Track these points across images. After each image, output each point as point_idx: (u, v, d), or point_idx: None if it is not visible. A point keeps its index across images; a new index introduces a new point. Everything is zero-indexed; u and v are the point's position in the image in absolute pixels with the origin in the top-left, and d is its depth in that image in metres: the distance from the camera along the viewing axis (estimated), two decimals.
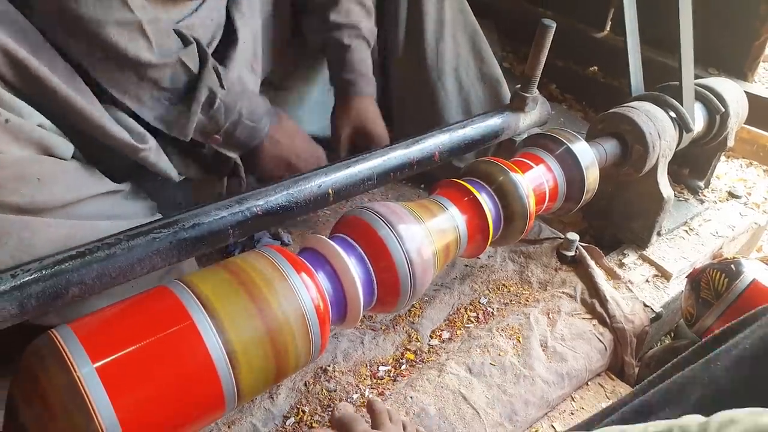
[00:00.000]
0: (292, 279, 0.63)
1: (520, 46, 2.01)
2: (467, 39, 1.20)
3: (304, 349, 0.63)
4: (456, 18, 1.18)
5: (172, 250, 0.72)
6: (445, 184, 0.86)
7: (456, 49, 1.19)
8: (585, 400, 0.93)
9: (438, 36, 1.17)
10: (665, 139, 1.09)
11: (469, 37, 1.21)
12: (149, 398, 0.53)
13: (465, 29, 1.20)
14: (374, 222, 0.73)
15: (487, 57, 1.22)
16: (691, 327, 1.01)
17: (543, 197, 0.92)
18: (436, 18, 1.16)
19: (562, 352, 0.93)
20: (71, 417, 0.49)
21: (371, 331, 0.94)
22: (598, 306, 1.01)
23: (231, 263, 0.64)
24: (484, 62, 1.21)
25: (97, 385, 0.50)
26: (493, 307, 1.02)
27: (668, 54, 1.60)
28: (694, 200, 1.34)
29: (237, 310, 0.59)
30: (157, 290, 0.60)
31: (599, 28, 1.84)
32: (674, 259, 1.16)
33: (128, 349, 0.53)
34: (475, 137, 1.00)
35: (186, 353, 0.55)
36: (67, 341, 0.52)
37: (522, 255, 1.12)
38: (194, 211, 0.74)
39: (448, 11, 1.17)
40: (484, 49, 1.22)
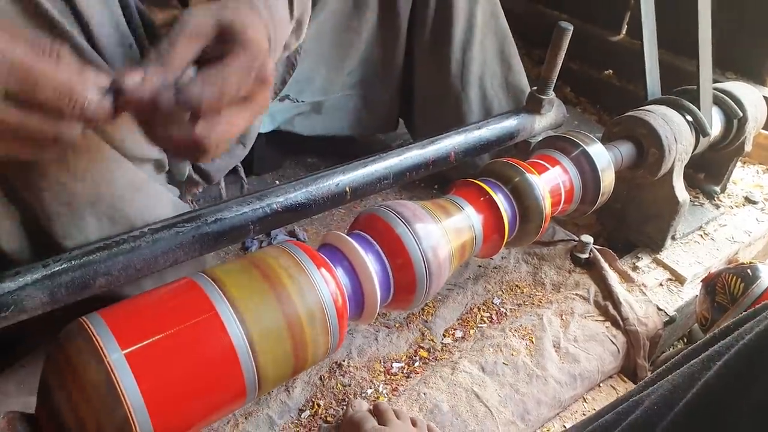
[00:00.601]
0: (312, 273, 0.65)
1: (534, 49, 2.02)
2: (496, 46, 1.17)
3: (323, 342, 0.65)
4: (487, 23, 1.14)
5: (194, 244, 0.73)
6: (461, 183, 0.87)
7: (483, 57, 1.15)
8: (597, 402, 0.94)
9: (466, 44, 1.13)
10: (681, 143, 1.09)
11: (499, 44, 1.17)
12: (175, 385, 0.55)
13: (495, 35, 1.16)
14: (392, 220, 0.74)
15: (515, 65, 1.19)
16: (706, 331, 1.01)
17: (558, 199, 0.93)
18: (465, 23, 1.11)
19: (574, 353, 0.94)
20: (101, 400, 0.51)
21: (385, 328, 0.96)
22: (611, 308, 1.02)
23: (253, 257, 0.66)
24: (511, 70, 1.18)
25: (125, 370, 0.53)
26: (506, 307, 1.03)
27: (684, 58, 1.60)
28: (709, 205, 1.34)
29: (259, 301, 0.60)
30: (182, 282, 0.62)
31: (615, 32, 1.84)
32: (689, 264, 1.16)
33: (155, 338, 0.55)
34: (490, 138, 1.01)
35: (210, 343, 0.57)
36: (97, 328, 0.54)
37: (535, 257, 1.13)
38: (217, 206, 0.76)
39: (480, 15, 1.12)
40: (512, 55, 1.18)
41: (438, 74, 1.16)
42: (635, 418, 0.53)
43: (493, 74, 1.17)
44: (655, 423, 0.50)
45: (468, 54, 1.13)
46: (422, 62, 1.19)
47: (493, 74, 1.17)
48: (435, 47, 1.15)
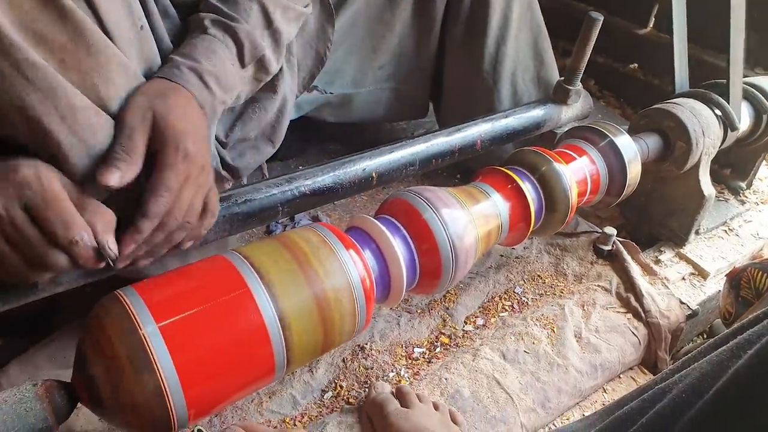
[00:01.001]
0: (340, 254, 0.65)
1: (559, 42, 2.01)
2: (531, 40, 1.15)
3: (350, 322, 0.66)
4: (523, 16, 1.12)
5: (224, 224, 0.75)
6: (488, 171, 0.87)
7: (517, 52, 1.13)
8: (617, 393, 0.94)
9: (500, 39, 1.11)
10: (709, 137, 1.08)
11: (533, 38, 1.15)
12: (207, 358, 0.56)
13: (531, 29, 1.15)
14: (419, 205, 0.75)
15: (547, 59, 1.17)
16: (729, 326, 1.00)
17: (585, 189, 0.93)
18: (501, 16, 1.09)
19: (596, 343, 0.94)
20: (136, 371, 0.53)
21: (407, 313, 0.97)
22: (633, 300, 1.02)
23: (282, 237, 0.67)
24: (544, 65, 1.17)
25: (159, 343, 0.54)
26: (528, 297, 1.03)
27: (711, 52, 1.59)
28: (734, 201, 1.33)
29: (289, 280, 0.61)
30: (215, 259, 0.63)
31: (642, 25, 1.82)
32: (712, 259, 1.15)
33: (189, 312, 0.57)
34: (517, 127, 1.01)
35: (242, 319, 0.58)
36: (132, 301, 0.56)
37: (558, 247, 1.13)
38: (246, 188, 0.77)
39: (517, 8, 1.10)
40: (545, 50, 1.17)
41: (470, 69, 1.14)
42: (663, 406, 0.53)
43: (525, 69, 1.15)
44: (683, 411, 0.50)
45: (502, 49, 1.11)
46: (454, 56, 1.17)
47: (525, 69, 1.15)
48: (468, 41, 1.13)
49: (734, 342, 0.51)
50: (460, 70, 1.18)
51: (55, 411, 0.56)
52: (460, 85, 1.19)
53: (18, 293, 0.62)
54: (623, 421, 0.55)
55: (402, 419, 0.70)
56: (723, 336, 0.56)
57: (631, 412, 0.57)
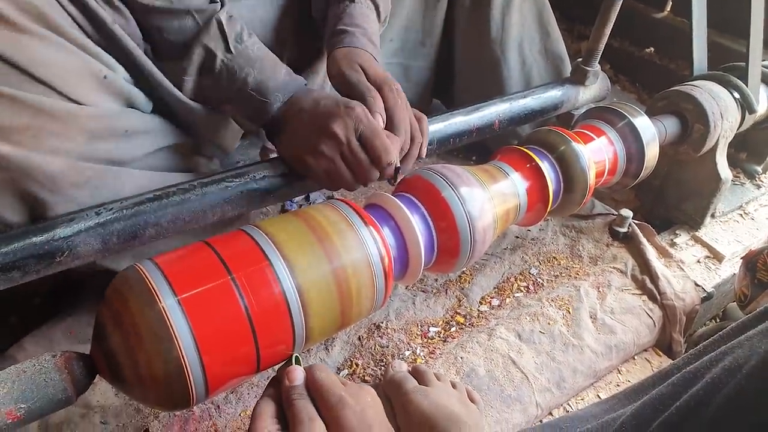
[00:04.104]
0: (360, 230, 0.65)
1: (575, 25, 1.99)
2: (535, 12, 1.17)
3: (368, 298, 0.65)
4: None
5: (242, 200, 0.74)
6: (507, 150, 0.86)
7: (522, 22, 1.16)
8: (631, 374, 0.94)
9: (505, 8, 1.14)
10: (727, 120, 1.07)
11: (537, 11, 1.17)
12: (226, 331, 0.56)
13: (534, 2, 1.17)
14: (438, 182, 0.74)
15: (553, 32, 1.19)
16: (744, 308, 1.00)
17: (603, 170, 0.92)
18: None
19: (611, 324, 0.94)
20: (155, 343, 0.52)
21: (422, 292, 0.96)
22: (648, 282, 1.01)
23: (302, 212, 0.66)
24: (550, 38, 1.18)
25: (179, 315, 0.53)
26: (543, 278, 1.02)
27: (729, 36, 1.57)
28: (750, 185, 1.31)
29: (309, 255, 0.61)
30: (234, 233, 0.62)
31: (659, 8, 1.80)
32: (727, 242, 1.14)
33: (208, 285, 0.56)
34: (535, 108, 1.00)
35: (261, 292, 0.57)
36: (152, 274, 0.55)
37: (574, 229, 1.12)
38: (264, 163, 0.77)
39: None
40: (550, 23, 1.18)
41: (478, 39, 1.17)
42: (697, 388, 0.52)
43: (531, 40, 1.17)
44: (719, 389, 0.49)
45: (507, 18, 1.14)
46: (462, 28, 1.19)
47: (531, 40, 1.17)
48: (475, 12, 1.15)
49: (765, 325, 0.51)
50: (468, 42, 1.19)
51: (74, 382, 0.56)
52: (469, 57, 1.21)
53: (37, 264, 0.62)
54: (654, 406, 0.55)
55: (421, 397, 0.69)
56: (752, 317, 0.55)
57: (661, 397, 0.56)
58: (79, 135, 0.68)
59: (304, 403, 0.55)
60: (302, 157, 0.75)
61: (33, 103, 0.64)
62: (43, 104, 0.65)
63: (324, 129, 0.73)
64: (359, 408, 0.55)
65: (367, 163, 0.74)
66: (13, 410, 0.51)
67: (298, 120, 0.76)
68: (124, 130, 0.72)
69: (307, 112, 0.76)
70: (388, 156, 0.74)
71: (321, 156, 0.74)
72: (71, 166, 0.67)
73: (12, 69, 0.63)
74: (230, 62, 0.76)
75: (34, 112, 0.64)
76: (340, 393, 0.56)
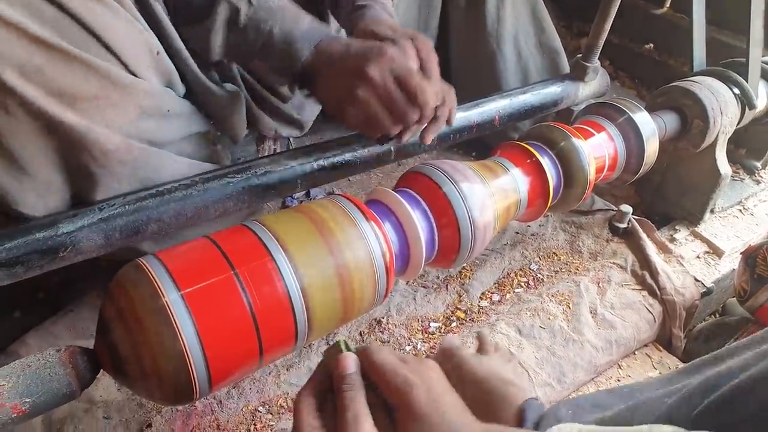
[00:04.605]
0: (361, 225, 0.65)
1: (574, 21, 1.99)
2: (528, 8, 1.20)
3: (370, 293, 0.66)
4: None
5: (243, 195, 0.75)
6: (507, 146, 0.87)
7: (516, 17, 1.18)
8: (632, 369, 0.94)
9: (499, 3, 1.16)
10: (727, 115, 1.07)
11: (531, 6, 1.20)
12: (229, 325, 0.56)
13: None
14: (439, 178, 0.75)
15: (547, 27, 1.21)
16: (744, 303, 1.00)
17: (603, 166, 0.93)
18: None
19: (611, 320, 0.94)
20: (159, 337, 0.53)
21: (423, 288, 0.97)
22: (648, 278, 1.01)
23: (305, 207, 0.66)
24: (544, 32, 1.21)
25: (182, 310, 0.54)
26: (543, 273, 1.03)
27: (728, 32, 1.57)
28: (749, 180, 1.32)
29: (311, 249, 0.61)
30: (236, 228, 0.63)
31: (658, 5, 1.80)
32: (727, 237, 1.15)
33: (211, 280, 0.56)
34: (534, 104, 1.00)
35: (264, 287, 0.58)
36: (155, 269, 0.56)
37: (573, 225, 1.13)
38: (266, 159, 0.77)
39: None
40: (544, 18, 1.21)
41: (474, 34, 1.18)
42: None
43: (527, 34, 1.19)
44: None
45: (502, 12, 1.15)
46: (457, 25, 1.21)
47: (527, 34, 1.19)
48: (470, 8, 1.17)
49: None
50: (464, 35, 1.21)
51: (79, 377, 0.56)
52: (465, 51, 1.22)
53: (41, 260, 0.63)
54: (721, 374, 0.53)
55: (476, 362, 0.64)
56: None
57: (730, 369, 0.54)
58: (134, 110, 0.68)
59: (352, 398, 0.52)
60: (339, 104, 0.75)
61: (103, 72, 0.64)
62: (110, 74, 0.65)
63: (358, 73, 0.72)
64: (426, 386, 0.52)
65: (404, 102, 0.73)
66: (18, 404, 0.51)
67: (329, 67, 0.75)
68: (166, 110, 0.73)
69: (338, 57, 0.75)
70: (424, 95, 0.72)
71: (358, 101, 0.73)
72: (123, 142, 0.67)
73: (88, 35, 0.63)
74: (253, 15, 0.75)
75: (103, 81, 0.64)
76: (405, 374, 0.52)
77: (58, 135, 0.63)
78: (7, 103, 0.60)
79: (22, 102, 0.60)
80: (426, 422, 0.50)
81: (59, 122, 0.62)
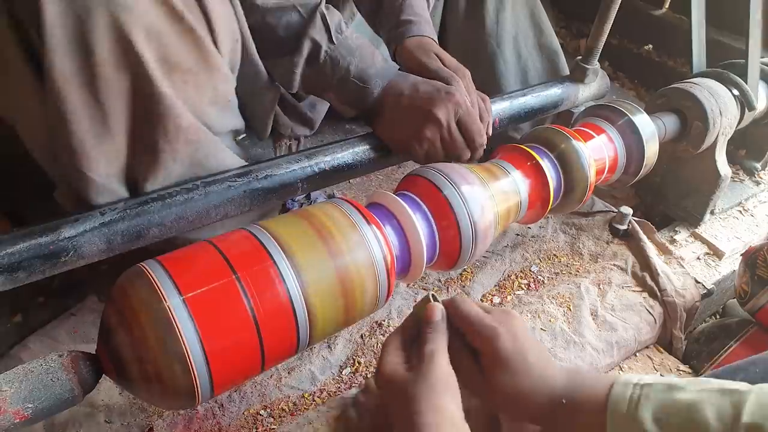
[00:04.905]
0: (363, 229, 0.65)
1: (573, 22, 1.99)
2: (527, 10, 1.20)
3: (371, 296, 0.66)
4: None
5: (245, 199, 0.75)
6: (508, 148, 0.87)
7: (515, 18, 1.19)
8: (633, 371, 0.94)
9: (498, 5, 1.17)
10: (726, 117, 1.07)
11: (529, 9, 1.21)
12: (231, 330, 0.56)
13: (526, 1, 1.20)
14: (439, 181, 0.75)
15: (546, 28, 1.22)
16: (744, 305, 1.00)
17: (603, 167, 0.93)
18: None
19: (612, 321, 0.94)
20: (161, 342, 0.53)
21: (424, 291, 0.97)
22: (649, 279, 1.02)
23: (305, 211, 0.66)
24: (543, 33, 1.21)
25: (184, 314, 0.54)
26: (544, 275, 1.03)
27: (727, 33, 1.57)
28: (749, 182, 1.32)
29: (312, 254, 0.61)
30: (238, 232, 0.63)
31: (657, 6, 1.80)
32: (727, 239, 1.15)
33: (213, 284, 0.57)
34: (534, 106, 1.00)
35: (266, 291, 0.58)
36: (157, 274, 0.56)
37: (574, 227, 1.13)
38: (267, 163, 0.77)
39: None
40: (543, 20, 1.21)
41: (474, 36, 1.19)
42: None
43: (526, 35, 1.20)
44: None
45: (501, 14, 1.17)
46: (458, 25, 1.21)
47: (526, 35, 1.20)
48: (470, 11, 1.18)
49: None
50: (464, 37, 1.21)
51: (81, 382, 0.57)
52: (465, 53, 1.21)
53: (43, 265, 0.63)
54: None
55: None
56: None
57: None
58: (209, 93, 0.70)
59: (433, 337, 0.57)
60: (405, 140, 0.83)
61: (204, 48, 0.66)
62: (209, 52, 0.67)
63: (428, 114, 0.80)
64: (511, 334, 0.56)
65: (462, 144, 0.83)
66: (21, 410, 0.51)
67: (397, 104, 0.83)
68: (228, 100, 0.75)
69: (407, 96, 0.82)
70: (481, 138, 0.84)
71: (424, 139, 0.81)
72: (194, 122, 0.69)
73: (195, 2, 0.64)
74: (333, 52, 0.80)
75: (200, 56, 0.66)
76: (491, 323, 0.57)
77: (147, 102, 0.64)
78: (124, 63, 0.61)
79: (138, 63, 0.61)
80: (512, 367, 0.55)
81: (156, 89, 0.63)
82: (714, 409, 0.45)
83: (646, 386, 0.50)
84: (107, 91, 0.62)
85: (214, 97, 0.71)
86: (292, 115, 1.01)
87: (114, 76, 0.62)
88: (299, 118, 1.02)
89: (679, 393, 0.48)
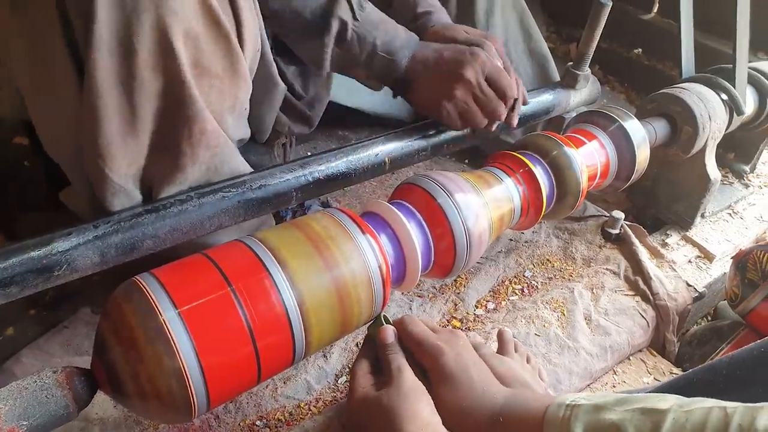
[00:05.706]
0: (357, 239, 0.65)
1: (563, 27, 2.00)
2: (516, 16, 1.21)
3: (367, 306, 0.66)
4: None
5: (239, 209, 0.74)
6: (501, 155, 0.87)
7: (505, 23, 1.20)
8: (627, 375, 0.95)
9: (488, 11, 1.17)
10: (715, 121, 1.08)
11: (518, 15, 1.22)
12: (227, 343, 0.56)
13: (514, 7, 1.21)
14: (433, 189, 0.75)
15: (534, 34, 1.23)
16: (735, 307, 1.01)
17: (595, 173, 0.93)
18: None
19: (605, 326, 0.95)
20: (156, 356, 0.53)
21: (418, 298, 0.97)
22: (641, 283, 1.02)
23: (300, 221, 0.66)
24: (532, 39, 1.22)
25: (179, 327, 0.54)
26: (538, 281, 1.03)
27: (714, 37, 1.58)
28: (738, 184, 1.33)
29: (307, 265, 0.61)
30: (232, 244, 0.63)
31: (646, 10, 1.82)
32: (717, 242, 1.16)
33: (208, 297, 0.56)
34: (526, 112, 1.01)
35: (261, 303, 0.58)
36: (152, 287, 0.56)
37: (566, 231, 1.13)
38: (261, 173, 0.77)
39: None
40: (531, 26, 1.23)
41: None
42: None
43: (515, 41, 1.21)
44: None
45: (491, 19, 1.18)
46: None
47: (515, 41, 1.21)
48: (460, 15, 1.18)
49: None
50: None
51: (76, 398, 0.56)
52: None
53: (36, 279, 0.62)
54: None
55: (497, 361, 0.66)
56: None
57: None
58: (229, 100, 0.70)
59: (394, 356, 0.63)
60: (438, 103, 0.85)
61: (235, 55, 0.66)
62: (238, 58, 0.67)
63: (456, 75, 0.83)
64: (455, 353, 0.61)
65: (495, 99, 0.85)
66: (16, 428, 0.51)
67: (425, 71, 0.85)
68: (244, 108, 0.75)
69: (433, 62, 0.85)
70: (512, 91, 0.85)
71: (456, 99, 0.84)
72: (216, 128, 0.70)
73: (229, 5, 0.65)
74: (359, 29, 0.81)
75: (229, 62, 0.67)
76: (436, 342, 0.62)
77: (177, 104, 0.64)
78: (161, 64, 0.62)
79: (174, 66, 0.62)
80: (455, 383, 0.60)
81: (188, 92, 0.64)
82: (634, 430, 0.47)
83: (576, 407, 0.52)
84: (141, 92, 0.62)
85: (233, 104, 0.71)
86: (291, 114, 1.01)
87: (150, 76, 0.62)
88: (298, 117, 1.02)
89: (605, 413, 0.50)
